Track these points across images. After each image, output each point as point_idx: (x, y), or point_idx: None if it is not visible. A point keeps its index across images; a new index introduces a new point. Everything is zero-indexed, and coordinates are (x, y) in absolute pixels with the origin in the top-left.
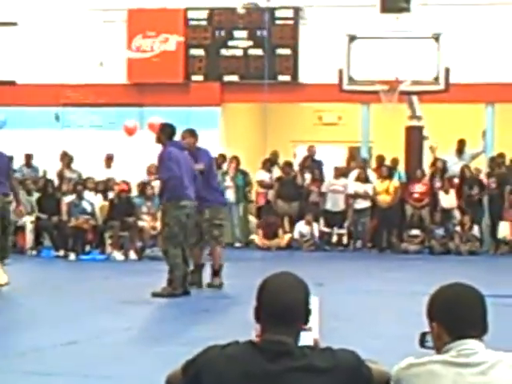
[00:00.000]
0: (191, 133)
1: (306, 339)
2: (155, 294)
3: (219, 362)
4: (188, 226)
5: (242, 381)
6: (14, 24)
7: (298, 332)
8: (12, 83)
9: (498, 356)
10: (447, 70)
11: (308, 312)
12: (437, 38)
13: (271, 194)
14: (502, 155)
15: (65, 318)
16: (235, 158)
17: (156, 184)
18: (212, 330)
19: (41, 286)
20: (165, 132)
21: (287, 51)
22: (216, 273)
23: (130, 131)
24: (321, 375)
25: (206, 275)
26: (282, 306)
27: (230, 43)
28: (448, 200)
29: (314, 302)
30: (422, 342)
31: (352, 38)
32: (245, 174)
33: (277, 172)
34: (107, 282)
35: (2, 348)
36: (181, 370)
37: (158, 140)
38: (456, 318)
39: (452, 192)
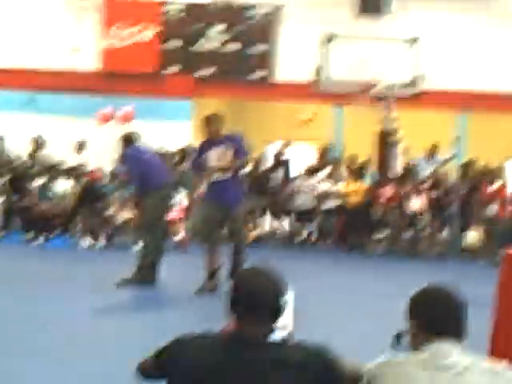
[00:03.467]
0: (216, 119)
1: (280, 334)
2: (122, 281)
3: (191, 351)
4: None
5: (212, 370)
6: None
7: (270, 325)
8: None
9: (472, 360)
10: (422, 76)
11: (280, 307)
12: (414, 42)
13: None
14: (472, 161)
15: (30, 304)
16: None
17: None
18: (183, 319)
19: (5, 270)
20: (123, 142)
21: (263, 48)
22: (212, 275)
23: (103, 119)
24: (291, 369)
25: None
26: (254, 298)
27: (207, 36)
28: (416, 203)
29: (289, 297)
30: (396, 343)
31: (329, 39)
32: None
33: (247, 168)
34: (72, 269)
35: None
36: (153, 358)
37: (119, 149)
38: (434, 318)
39: (420, 196)
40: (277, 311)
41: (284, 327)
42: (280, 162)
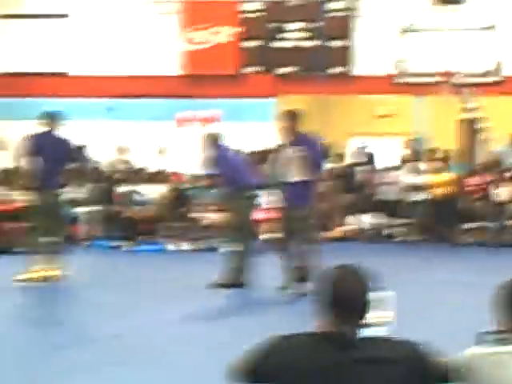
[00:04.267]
0: (288, 115)
1: (381, 332)
2: (212, 284)
3: (285, 352)
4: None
5: (307, 371)
6: (65, 16)
7: (361, 323)
8: (64, 75)
9: None
10: (501, 63)
11: (367, 303)
12: (491, 29)
13: (323, 186)
14: None
15: (120, 309)
16: None
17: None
18: (272, 320)
19: (94, 276)
20: (209, 141)
21: (341, 43)
22: (303, 278)
23: (182, 123)
24: (384, 365)
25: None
26: (345, 297)
27: (284, 35)
28: (502, 193)
29: (390, 297)
30: (480, 338)
31: (406, 31)
32: None
33: (329, 164)
34: (160, 273)
35: (57, 339)
36: (247, 360)
37: (204, 148)
38: None
39: (506, 185)
40: (365, 308)
41: (386, 325)
42: (364, 157)
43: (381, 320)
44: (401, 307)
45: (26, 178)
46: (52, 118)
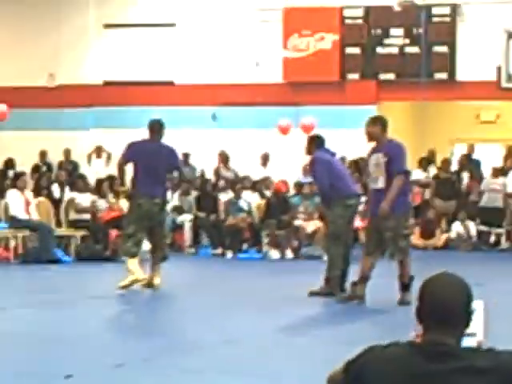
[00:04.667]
0: (373, 121)
1: (469, 343)
2: (313, 293)
3: (380, 362)
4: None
5: (403, 381)
6: (173, 25)
7: (459, 333)
8: (170, 83)
9: None
10: None
11: (470, 314)
12: None
13: (427, 192)
14: None
15: (223, 317)
16: None
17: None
18: (371, 330)
19: (199, 284)
20: (314, 143)
21: (444, 49)
22: (406, 287)
23: (284, 130)
24: (482, 376)
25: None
26: (444, 306)
27: (386, 41)
28: None
29: (478, 306)
30: None
31: (511, 35)
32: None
33: (433, 171)
34: (264, 281)
35: (162, 345)
36: (342, 369)
37: (308, 152)
38: None
39: None
40: (468, 318)
41: (473, 335)
42: (465, 165)
43: (471, 330)
44: (495, 317)
45: (128, 185)
46: (155, 126)
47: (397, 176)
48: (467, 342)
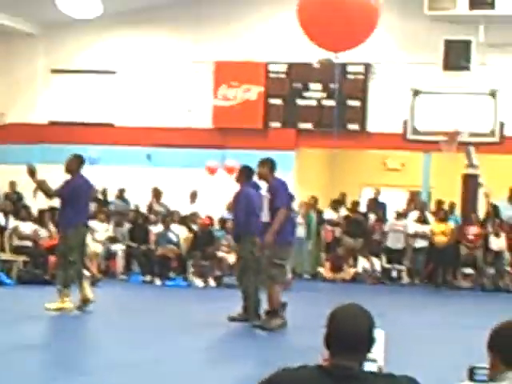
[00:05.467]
0: (261, 163)
1: (371, 368)
2: (231, 318)
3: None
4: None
5: None
6: (113, 72)
7: (362, 358)
8: (110, 125)
9: None
10: (502, 124)
11: (372, 340)
12: (493, 94)
13: (338, 231)
14: None
15: (150, 338)
16: (313, 198)
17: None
18: (282, 354)
19: (129, 307)
20: (244, 173)
21: (357, 103)
22: (271, 313)
23: (212, 171)
24: None
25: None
26: (350, 333)
27: (306, 94)
28: (499, 242)
29: (379, 335)
30: (471, 376)
31: (416, 93)
32: (319, 212)
33: (343, 211)
34: (188, 306)
35: (88, 364)
36: None
37: (238, 180)
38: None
39: (503, 235)
40: (370, 344)
41: (375, 361)
42: (372, 207)
43: (372, 356)
44: (392, 344)
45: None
46: (79, 161)
47: (279, 210)
48: (369, 367)
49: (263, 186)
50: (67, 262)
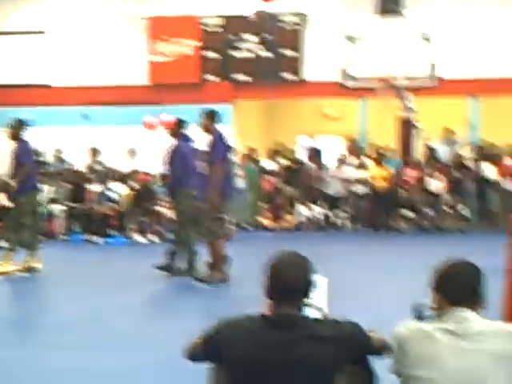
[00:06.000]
0: (205, 114)
1: (314, 315)
2: (159, 267)
3: (234, 333)
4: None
5: (256, 350)
6: (42, 32)
7: (303, 305)
8: (47, 86)
9: (491, 325)
10: (435, 67)
11: (310, 286)
12: (427, 38)
13: (277, 180)
14: (485, 142)
15: (91, 295)
16: (252, 149)
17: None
18: (225, 305)
19: (68, 267)
20: (177, 126)
21: (292, 52)
22: (211, 266)
23: (151, 126)
24: (324, 343)
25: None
26: (287, 281)
27: (241, 46)
28: (436, 184)
29: (322, 282)
30: (417, 313)
31: (351, 39)
32: (258, 162)
33: (282, 161)
34: (128, 263)
35: (34, 325)
36: (200, 343)
37: (171, 134)
38: (455, 289)
39: (441, 177)
40: (308, 289)
41: (318, 309)
42: (312, 155)
43: (314, 302)
44: (336, 290)
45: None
46: (17, 124)
47: (215, 164)
48: (313, 315)
49: (200, 138)
50: (20, 225)
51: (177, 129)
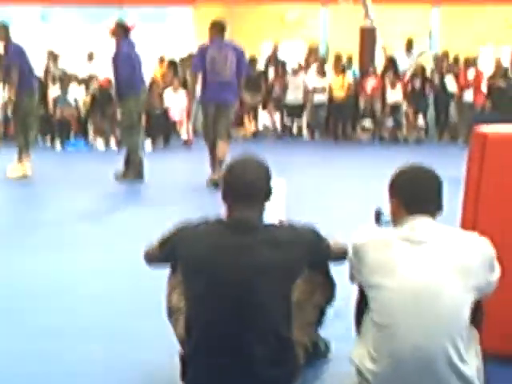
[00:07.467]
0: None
1: (272, 220)
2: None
3: (192, 237)
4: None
5: (213, 253)
6: None
7: (261, 209)
8: None
9: (449, 232)
10: None
11: (269, 191)
12: None
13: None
14: (446, 53)
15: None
16: None
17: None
18: (181, 210)
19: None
20: (119, 29)
21: None
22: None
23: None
24: (282, 247)
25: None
26: (245, 185)
27: None
28: (395, 94)
29: (280, 184)
30: (377, 219)
31: None
32: None
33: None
34: (89, 167)
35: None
36: (157, 245)
37: (114, 35)
38: (413, 195)
39: (399, 86)
40: (267, 194)
41: (276, 214)
42: (273, 62)
43: (273, 209)
44: (295, 196)
45: None
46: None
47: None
48: (271, 221)
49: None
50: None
51: (118, 33)
